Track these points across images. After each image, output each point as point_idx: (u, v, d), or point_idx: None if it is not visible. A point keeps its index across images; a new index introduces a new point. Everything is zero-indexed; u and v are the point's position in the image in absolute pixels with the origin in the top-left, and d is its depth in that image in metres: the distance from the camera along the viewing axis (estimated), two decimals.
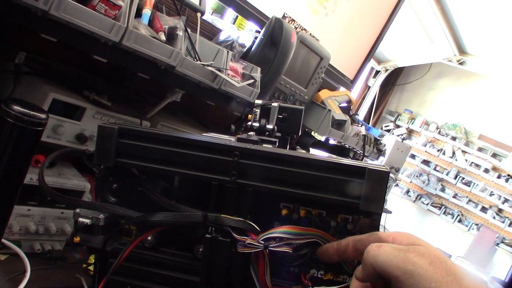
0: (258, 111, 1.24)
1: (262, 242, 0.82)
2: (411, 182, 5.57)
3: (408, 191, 5.60)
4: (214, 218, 0.88)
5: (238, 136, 0.99)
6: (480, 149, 5.25)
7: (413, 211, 5.65)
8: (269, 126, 1.20)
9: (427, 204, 5.48)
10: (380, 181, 0.83)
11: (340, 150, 2.79)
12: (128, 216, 0.94)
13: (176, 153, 0.89)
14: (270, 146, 1.00)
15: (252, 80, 1.57)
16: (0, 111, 0.79)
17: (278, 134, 1.25)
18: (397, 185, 5.54)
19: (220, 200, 0.90)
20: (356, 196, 0.84)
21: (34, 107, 0.83)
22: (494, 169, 5.12)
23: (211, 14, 2.16)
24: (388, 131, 5.84)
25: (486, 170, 5.13)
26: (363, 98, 5.64)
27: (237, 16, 2.32)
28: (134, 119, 1.63)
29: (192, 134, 1.14)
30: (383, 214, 5.01)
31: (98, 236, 1.04)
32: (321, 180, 0.84)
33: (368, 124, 5.67)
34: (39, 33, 1.22)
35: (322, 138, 2.72)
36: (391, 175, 4.71)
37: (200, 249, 0.93)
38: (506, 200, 4.94)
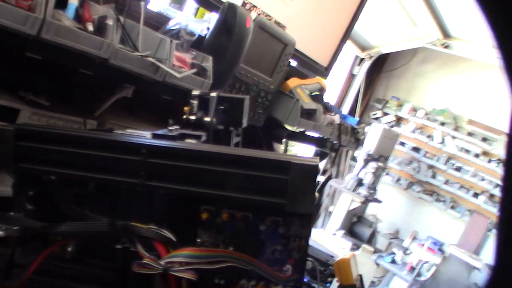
0: (195, 102, 1.13)
1: (162, 264, 0.71)
2: (401, 170, 5.47)
3: (399, 179, 5.50)
4: (123, 227, 0.77)
5: (153, 132, 0.88)
6: (469, 134, 5.14)
7: (404, 200, 5.55)
8: (206, 119, 1.09)
9: (419, 191, 5.38)
10: (307, 177, 0.72)
11: (317, 141, 2.68)
12: (29, 226, 0.83)
13: (78, 154, 0.77)
14: (194, 141, 0.89)
15: (194, 70, 1.45)
16: None
17: (220, 127, 1.14)
18: (387, 173, 5.44)
19: (132, 206, 0.79)
20: (282, 195, 0.73)
21: None
22: (485, 153, 5.01)
23: (169, 5, 2.03)
24: (376, 119, 5.73)
25: (477, 155, 5.02)
26: (348, 88, 5.52)
27: (198, 8, 2.19)
28: (78, 119, 1.52)
29: (102, 131, 1.02)
30: (375, 204, 4.91)
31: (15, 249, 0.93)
32: (240, 178, 0.73)
33: (355, 113, 5.57)
34: None
35: (297, 130, 2.61)
36: (379, 163, 4.60)
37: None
38: (497, 185, 4.84)
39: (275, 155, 0.74)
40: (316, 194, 0.72)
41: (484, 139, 5.03)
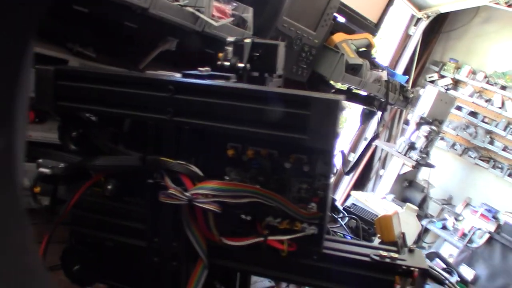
0: (230, 49, 1.13)
1: (187, 195, 0.74)
2: (457, 135, 5.26)
3: (454, 145, 5.30)
4: (153, 161, 0.80)
5: (184, 71, 0.89)
6: None
7: (459, 165, 5.36)
8: (240, 65, 1.09)
9: (475, 158, 5.17)
10: (328, 112, 0.71)
11: (362, 97, 2.61)
12: (67, 161, 0.88)
13: (111, 92, 0.80)
14: (222, 81, 0.90)
15: (231, 19, 1.45)
16: None
17: (255, 74, 1.14)
18: (442, 138, 5.26)
19: (160, 142, 0.82)
20: (303, 131, 0.73)
21: None
22: None
23: None
24: (433, 82, 5.51)
25: None
26: (404, 48, 5.31)
27: None
28: (123, 70, 1.56)
29: (138, 72, 1.05)
30: (427, 169, 4.79)
31: (60, 186, 1.00)
32: (263, 113, 0.74)
33: (410, 76, 5.37)
34: None
35: (344, 87, 2.56)
36: (433, 127, 4.46)
37: None
38: None
39: (298, 91, 0.74)
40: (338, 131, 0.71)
41: None
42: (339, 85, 2.52)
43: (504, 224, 4.35)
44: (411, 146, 4.54)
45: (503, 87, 4.99)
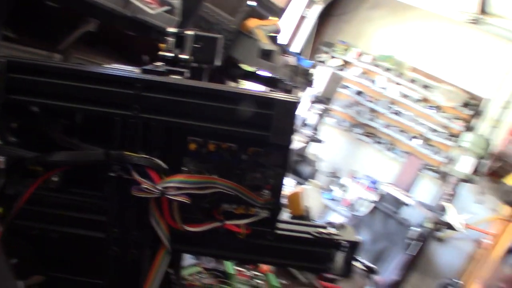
0: (171, 40, 1.16)
1: (160, 189, 0.79)
2: (344, 112, 5.68)
3: (341, 121, 5.73)
4: (117, 156, 0.83)
5: (143, 67, 0.92)
6: (411, 81, 5.39)
7: (345, 141, 5.81)
8: (184, 56, 1.13)
9: (359, 133, 5.64)
10: (289, 112, 0.80)
11: (270, 81, 2.75)
12: (21, 156, 0.87)
13: (73, 87, 0.81)
14: (179, 77, 0.94)
15: (168, 7, 1.46)
16: None
17: (194, 65, 1.19)
18: (330, 115, 5.64)
19: (124, 137, 0.85)
20: (265, 128, 0.81)
21: None
22: (424, 100, 5.30)
23: None
24: (323, 62, 5.85)
25: (416, 101, 5.31)
26: (298, 30, 5.56)
27: None
28: (43, 52, 1.50)
29: (93, 66, 1.05)
30: (316, 144, 5.13)
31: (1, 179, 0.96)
32: (229, 112, 0.80)
33: (303, 55, 5.65)
34: None
35: (253, 69, 2.66)
36: (324, 105, 4.78)
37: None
38: (433, 130, 5.18)
39: (260, 92, 0.82)
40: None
41: (425, 86, 5.30)
42: (249, 68, 2.61)
43: (384, 193, 4.85)
44: (304, 123, 4.84)
45: (387, 69, 5.48)
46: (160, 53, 1.14)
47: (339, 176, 5.57)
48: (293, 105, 0.78)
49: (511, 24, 4.41)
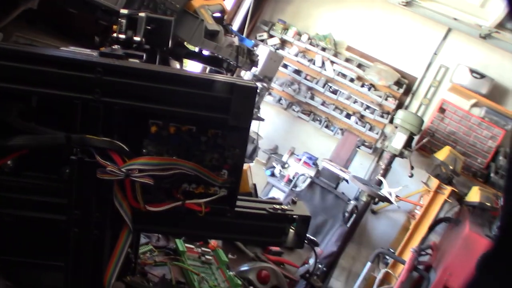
0: (124, 21, 1.16)
1: (124, 171, 0.81)
2: (283, 90, 5.79)
3: (280, 99, 5.84)
4: (78, 139, 0.84)
5: (101, 50, 0.92)
6: (347, 60, 5.58)
7: (284, 118, 5.95)
8: (137, 38, 1.14)
9: (298, 111, 5.78)
10: (248, 97, 0.85)
11: (214, 61, 2.76)
12: None
13: (31, 70, 0.81)
14: (137, 60, 0.96)
15: None
16: None
17: (147, 47, 1.19)
18: (270, 93, 5.73)
19: (85, 120, 0.86)
20: (225, 111, 0.85)
21: None
22: (359, 78, 5.51)
23: None
24: (262, 41, 5.90)
25: (352, 80, 5.51)
26: (238, 8, 5.56)
27: None
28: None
29: (50, 48, 1.04)
30: (256, 122, 5.21)
31: None
32: (190, 96, 0.84)
33: (243, 34, 5.66)
34: None
35: (196, 49, 2.67)
36: (264, 84, 4.85)
37: (67, 171, 0.90)
38: (367, 107, 5.42)
39: (219, 77, 0.86)
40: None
41: (359, 65, 5.50)
42: (191, 48, 2.61)
43: (322, 169, 5.04)
44: None
45: (323, 49, 5.62)
46: (114, 35, 1.14)
47: (279, 153, 5.70)
48: (253, 89, 0.83)
49: (439, 7, 4.65)
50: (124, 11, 1.16)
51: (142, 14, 1.15)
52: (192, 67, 4.90)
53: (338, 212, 4.84)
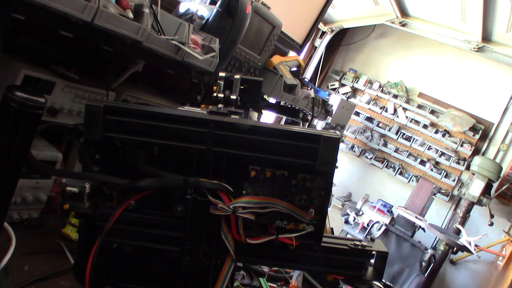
0: (222, 83, 1.37)
1: (231, 208, 0.98)
2: (355, 138, 5.88)
3: (352, 147, 5.92)
4: (194, 182, 1.02)
5: (210, 109, 1.12)
6: (419, 106, 5.61)
7: (358, 166, 6.00)
8: (233, 97, 1.34)
9: (371, 158, 5.83)
10: (332, 146, 1.00)
11: (289, 111, 2.96)
12: (116, 183, 1.07)
13: (158, 127, 1.02)
14: (237, 117, 1.14)
15: (214, 53, 1.68)
16: (6, 98, 0.88)
17: (240, 103, 1.40)
18: (342, 141, 5.84)
19: (198, 166, 1.04)
20: (313, 158, 1.01)
21: (33, 92, 0.93)
22: (432, 125, 5.50)
23: None
24: (334, 89, 6.09)
25: (425, 126, 5.50)
26: (310, 58, 5.82)
27: None
28: (101, 91, 1.71)
29: (169, 108, 1.26)
30: None
31: (86, 202, 1.16)
32: (283, 146, 1.00)
33: (315, 83, 5.89)
34: (10, 13, 1.28)
35: (273, 100, 2.88)
36: (337, 132, 4.97)
37: (179, 209, 1.08)
38: (442, 154, 5.36)
39: (308, 130, 1.02)
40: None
41: (432, 112, 5.50)
42: (269, 99, 2.84)
43: (397, 217, 5.00)
44: None
45: (395, 96, 5.70)
46: (214, 94, 1.36)
47: (352, 200, 5.72)
48: (336, 140, 0.98)
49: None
50: (222, 74, 1.37)
51: (237, 76, 1.36)
52: (268, 116, 5.16)
53: (415, 261, 4.73)
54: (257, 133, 1.00)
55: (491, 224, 4.66)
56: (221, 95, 1.35)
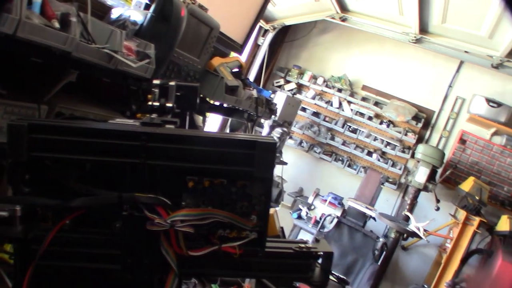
0: (157, 90, 1.33)
1: (169, 222, 0.96)
2: (303, 133, 5.94)
3: (301, 142, 5.98)
4: (129, 197, 0.99)
5: (142, 120, 1.09)
6: (363, 99, 5.74)
7: (307, 161, 6.07)
8: (169, 105, 1.31)
9: (319, 152, 5.91)
10: (269, 151, 0.99)
11: (235, 112, 2.95)
12: (47, 204, 1.01)
13: (88, 143, 0.97)
14: (172, 126, 1.12)
15: (148, 60, 1.64)
16: None
17: (177, 111, 1.36)
18: (290, 137, 5.89)
19: (133, 181, 1.01)
20: (251, 165, 1.00)
21: None
22: (377, 116, 5.65)
23: None
24: (279, 87, 6.12)
25: (370, 118, 5.64)
26: (254, 57, 5.82)
27: None
28: (32, 105, 1.63)
29: (98, 122, 1.21)
30: (280, 166, 5.34)
31: (18, 226, 1.09)
32: (220, 154, 0.99)
33: (260, 82, 5.91)
34: None
35: (217, 102, 2.86)
36: (284, 128, 5.00)
37: (117, 225, 1.04)
38: (388, 144, 5.52)
39: (243, 136, 1.01)
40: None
41: (376, 103, 5.64)
42: (212, 101, 2.81)
43: (348, 208, 5.10)
44: None
45: (339, 90, 5.80)
46: (149, 103, 1.32)
47: (304, 195, 5.78)
48: (272, 145, 0.97)
49: (449, 41, 4.80)
50: (156, 82, 1.33)
51: (172, 83, 1.33)
52: (214, 118, 5.13)
53: (367, 250, 4.85)
54: (191, 142, 0.97)
55: (438, 208, 4.84)
56: (156, 103, 1.31)
